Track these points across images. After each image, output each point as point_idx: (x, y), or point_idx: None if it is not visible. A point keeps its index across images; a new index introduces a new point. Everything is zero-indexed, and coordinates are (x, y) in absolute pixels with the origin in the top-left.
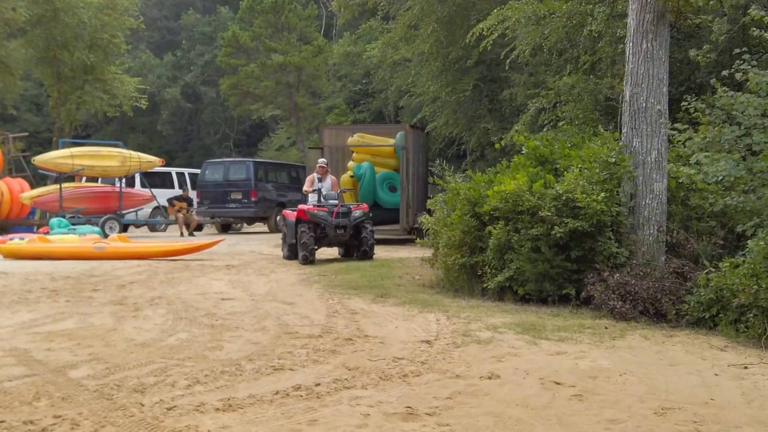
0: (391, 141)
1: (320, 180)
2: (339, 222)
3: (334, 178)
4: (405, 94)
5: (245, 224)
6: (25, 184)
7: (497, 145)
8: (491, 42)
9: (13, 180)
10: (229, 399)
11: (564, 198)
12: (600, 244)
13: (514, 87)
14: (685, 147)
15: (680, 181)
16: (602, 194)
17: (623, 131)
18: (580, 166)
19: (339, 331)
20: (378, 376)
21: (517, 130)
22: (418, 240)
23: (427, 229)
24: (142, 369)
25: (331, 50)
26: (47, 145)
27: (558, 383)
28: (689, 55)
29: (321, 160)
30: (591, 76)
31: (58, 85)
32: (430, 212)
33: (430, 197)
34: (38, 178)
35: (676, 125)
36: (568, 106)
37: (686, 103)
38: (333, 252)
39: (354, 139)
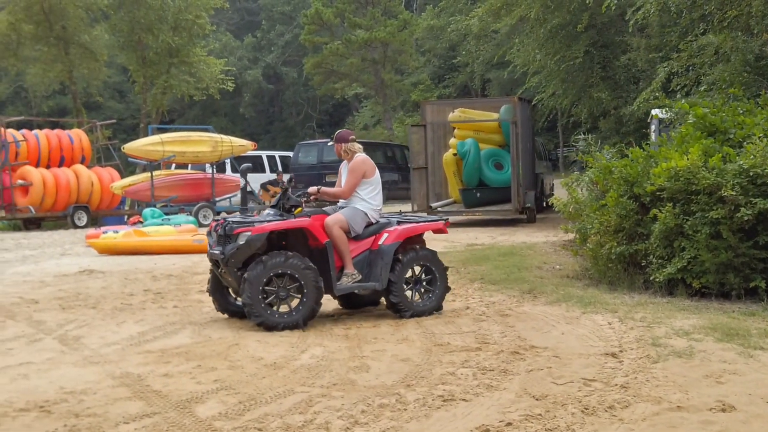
0: (495, 115)
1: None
2: (213, 253)
3: (362, 159)
4: (492, 67)
5: None
6: (115, 173)
7: (655, 116)
8: (615, 2)
9: (103, 169)
10: None
11: (751, 174)
12: None
13: (631, 51)
14: None
15: None
16: None
17: None
18: (762, 135)
19: (498, 341)
20: (578, 409)
21: (650, 99)
22: (562, 226)
23: (560, 211)
24: (282, 402)
25: (416, 24)
26: (132, 132)
27: None
28: None
29: (339, 132)
30: (740, 33)
31: (143, 69)
32: (538, 191)
33: (538, 173)
34: (125, 166)
35: None
36: (712, 68)
37: None
38: (457, 240)
39: (455, 114)
